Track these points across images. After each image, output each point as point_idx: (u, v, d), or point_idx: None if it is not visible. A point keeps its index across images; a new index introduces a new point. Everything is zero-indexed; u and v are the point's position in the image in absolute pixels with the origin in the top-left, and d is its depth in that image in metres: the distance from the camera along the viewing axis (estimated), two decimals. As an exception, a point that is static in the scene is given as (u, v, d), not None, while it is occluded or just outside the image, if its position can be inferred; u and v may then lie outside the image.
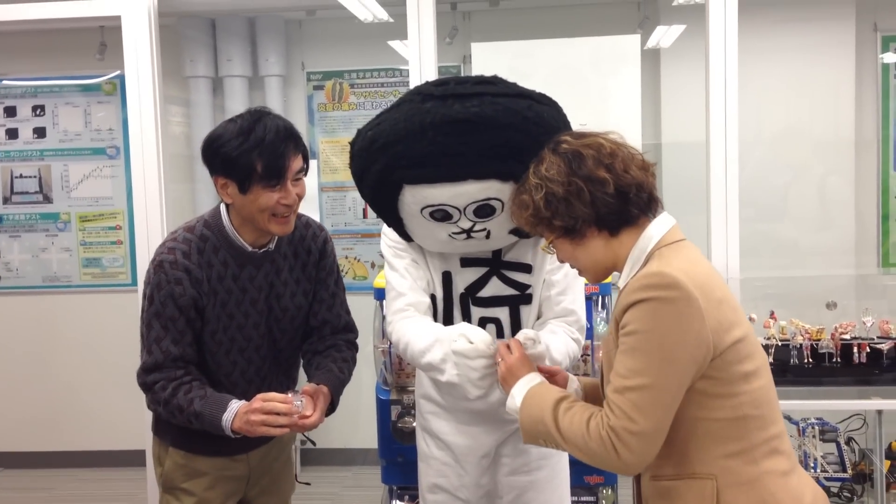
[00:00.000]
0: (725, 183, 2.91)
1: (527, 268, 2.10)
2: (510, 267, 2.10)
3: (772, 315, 3.13)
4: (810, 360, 3.04)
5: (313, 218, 2.30)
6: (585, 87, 3.76)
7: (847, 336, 3.05)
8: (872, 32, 4.23)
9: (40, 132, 4.74)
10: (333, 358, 2.23)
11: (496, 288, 2.10)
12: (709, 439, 1.52)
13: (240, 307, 2.10)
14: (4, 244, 4.78)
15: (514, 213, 1.76)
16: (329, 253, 2.27)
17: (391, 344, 2.74)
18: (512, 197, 1.79)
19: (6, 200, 4.79)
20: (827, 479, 3.05)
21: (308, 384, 2.12)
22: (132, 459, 3.85)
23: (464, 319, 2.11)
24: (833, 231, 4.20)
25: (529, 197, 1.65)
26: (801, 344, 3.05)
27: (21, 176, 4.76)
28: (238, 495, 2.25)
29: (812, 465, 3.05)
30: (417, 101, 1.88)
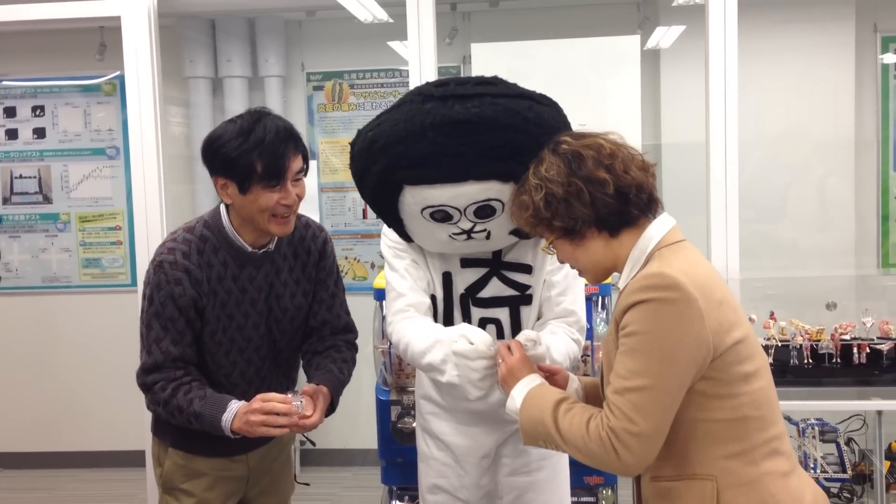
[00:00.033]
0: (725, 183, 2.91)
1: (527, 268, 2.10)
2: (510, 267, 2.10)
3: (772, 316, 3.13)
4: (810, 361, 3.04)
5: (313, 218, 2.30)
6: (585, 88, 3.75)
7: (847, 337, 3.05)
8: (872, 33, 4.23)
9: (40, 133, 4.73)
10: (333, 358, 2.23)
11: (496, 288, 2.10)
12: (709, 440, 1.52)
13: (239, 308, 2.10)
14: (4, 244, 4.78)
15: (514, 214, 1.76)
16: (329, 253, 2.27)
17: (391, 344, 2.73)
18: (512, 197, 1.79)
19: (6, 201, 4.79)
20: (827, 480, 3.05)
21: (308, 384, 2.12)
22: (132, 460, 3.85)
23: (464, 320, 2.11)
24: (833, 232, 4.20)
25: (529, 197, 1.65)
26: (801, 344, 3.04)
27: (21, 176, 4.76)
28: (238, 496, 2.25)
29: (812, 466, 3.04)
30: (418, 102, 1.88)
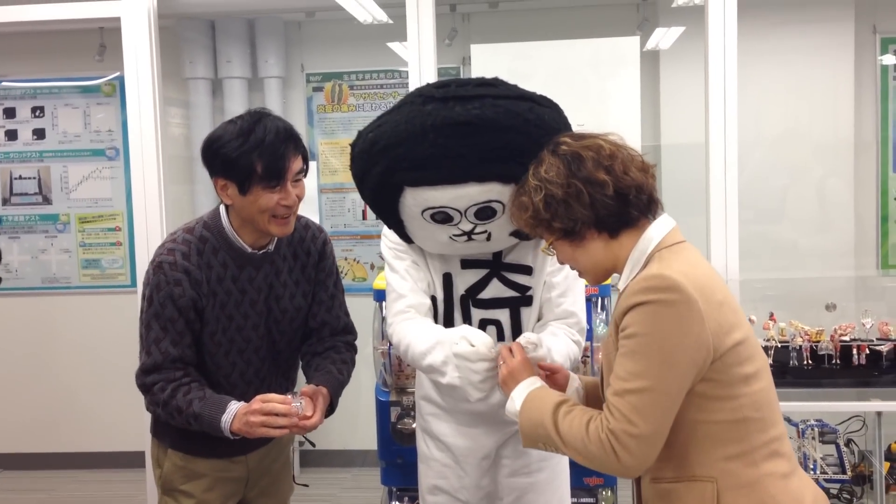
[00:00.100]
0: (725, 184, 2.91)
1: (527, 269, 2.10)
2: (511, 269, 2.10)
3: (771, 317, 3.13)
4: (810, 362, 3.04)
5: (313, 220, 2.30)
6: (585, 89, 3.75)
7: (846, 338, 3.05)
8: (871, 34, 4.23)
9: (40, 133, 4.73)
10: (332, 359, 2.23)
11: (497, 290, 2.10)
12: (709, 442, 1.52)
13: (239, 308, 2.10)
14: (4, 245, 4.77)
15: (514, 215, 1.76)
16: (328, 254, 2.27)
17: (391, 345, 2.74)
18: (511, 199, 1.79)
19: (5, 202, 4.78)
20: (826, 481, 3.05)
21: (307, 385, 2.12)
22: (131, 461, 3.85)
23: (464, 321, 2.11)
24: (832, 233, 4.20)
25: (529, 199, 1.65)
26: (801, 345, 3.05)
27: (20, 177, 4.76)
28: (237, 497, 2.25)
29: (811, 467, 3.04)
30: (418, 104, 1.88)
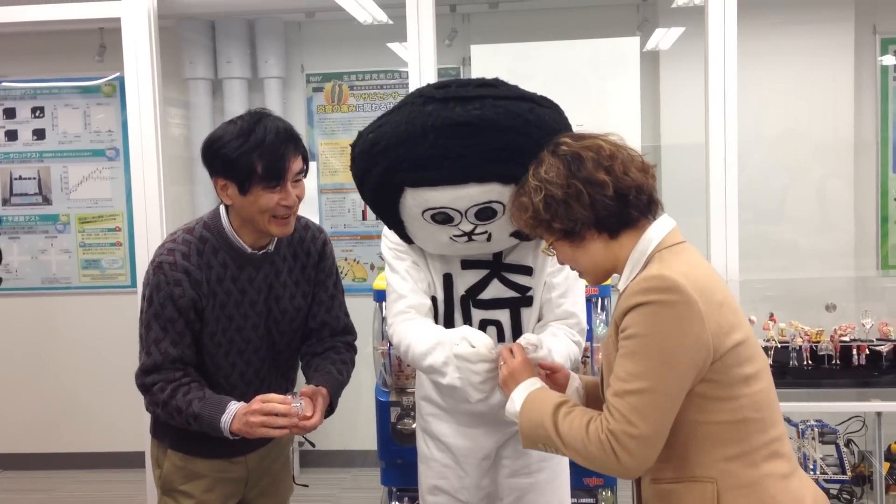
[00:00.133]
0: (725, 185, 2.91)
1: (527, 270, 2.10)
2: (511, 269, 2.10)
3: (771, 317, 3.13)
4: (809, 362, 3.04)
5: (312, 220, 2.30)
6: (585, 90, 3.75)
7: (846, 338, 3.05)
8: (871, 35, 4.23)
9: (40, 134, 4.73)
10: (332, 360, 2.22)
11: (497, 290, 2.10)
12: (709, 442, 1.52)
13: (239, 309, 2.10)
14: (4, 246, 4.77)
15: (514, 215, 1.76)
16: (328, 255, 2.27)
17: (391, 346, 2.74)
18: (512, 199, 1.79)
19: (5, 202, 4.78)
20: (826, 482, 3.05)
21: (306, 386, 2.12)
22: (131, 461, 3.85)
23: (464, 321, 2.11)
24: (832, 233, 4.20)
25: (529, 199, 1.65)
26: (801, 346, 3.04)
27: (20, 177, 4.76)
28: (237, 497, 2.25)
29: (811, 467, 3.04)
30: (419, 104, 1.88)
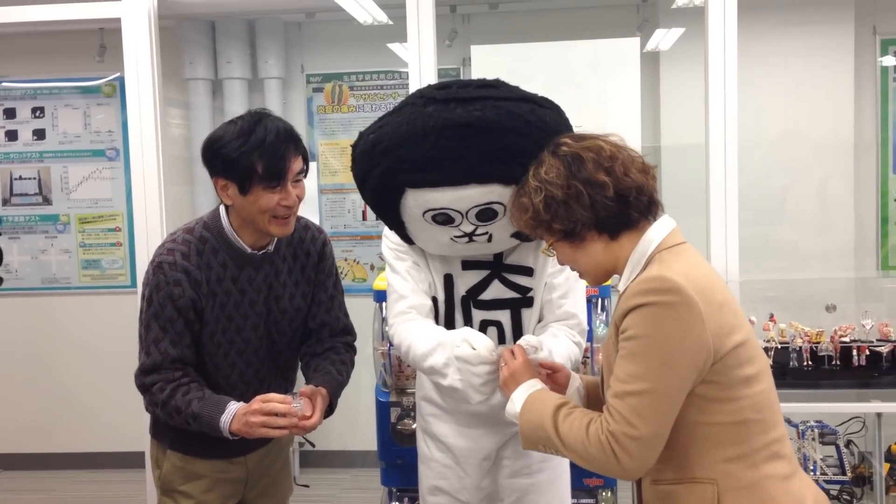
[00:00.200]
0: (725, 185, 2.91)
1: (528, 271, 2.10)
2: (511, 270, 2.10)
3: (771, 318, 3.13)
4: (810, 363, 3.04)
5: (312, 220, 2.30)
6: (585, 90, 3.75)
7: (846, 339, 3.05)
8: (871, 36, 4.23)
9: (40, 134, 4.73)
10: (332, 360, 2.22)
11: (497, 291, 2.10)
12: (709, 443, 1.52)
13: (238, 309, 2.09)
14: (4, 246, 4.76)
15: (514, 216, 1.76)
16: (328, 255, 2.27)
17: (391, 346, 2.74)
18: (512, 199, 1.79)
19: (6, 202, 4.78)
20: (826, 482, 3.05)
21: (306, 386, 2.12)
22: (131, 461, 3.84)
23: (465, 322, 2.11)
24: (832, 234, 4.20)
25: (529, 200, 1.65)
26: (801, 346, 3.04)
27: (20, 178, 4.76)
28: (236, 498, 2.25)
29: (811, 468, 3.04)
30: (420, 105, 1.88)
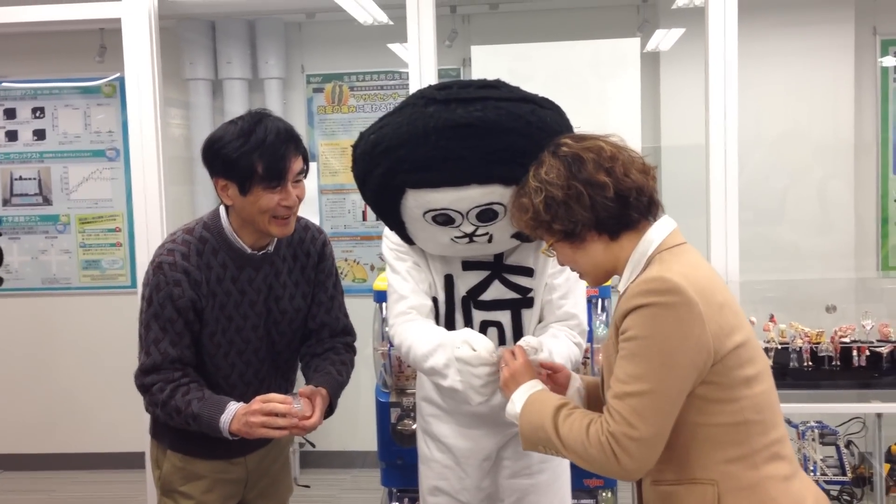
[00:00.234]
0: (725, 186, 2.90)
1: (528, 271, 2.10)
2: (512, 270, 2.10)
3: (771, 318, 3.13)
4: (810, 364, 3.04)
5: (312, 221, 2.30)
6: (585, 91, 3.75)
7: (847, 339, 3.05)
8: (872, 36, 4.23)
9: (40, 134, 4.73)
10: (332, 360, 2.22)
11: (498, 291, 2.10)
12: (709, 444, 1.52)
13: (238, 309, 2.09)
14: (4, 246, 4.76)
15: (514, 216, 1.75)
16: (328, 256, 2.27)
17: (391, 346, 2.74)
18: (512, 200, 1.79)
19: (6, 202, 4.78)
20: (826, 483, 3.05)
21: (305, 386, 2.12)
22: (131, 462, 3.84)
23: (465, 323, 2.11)
24: (832, 234, 4.19)
25: (529, 200, 1.65)
26: (801, 347, 3.04)
27: (21, 178, 4.76)
28: (236, 498, 2.24)
29: (811, 469, 3.04)
30: (420, 105, 1.88)
